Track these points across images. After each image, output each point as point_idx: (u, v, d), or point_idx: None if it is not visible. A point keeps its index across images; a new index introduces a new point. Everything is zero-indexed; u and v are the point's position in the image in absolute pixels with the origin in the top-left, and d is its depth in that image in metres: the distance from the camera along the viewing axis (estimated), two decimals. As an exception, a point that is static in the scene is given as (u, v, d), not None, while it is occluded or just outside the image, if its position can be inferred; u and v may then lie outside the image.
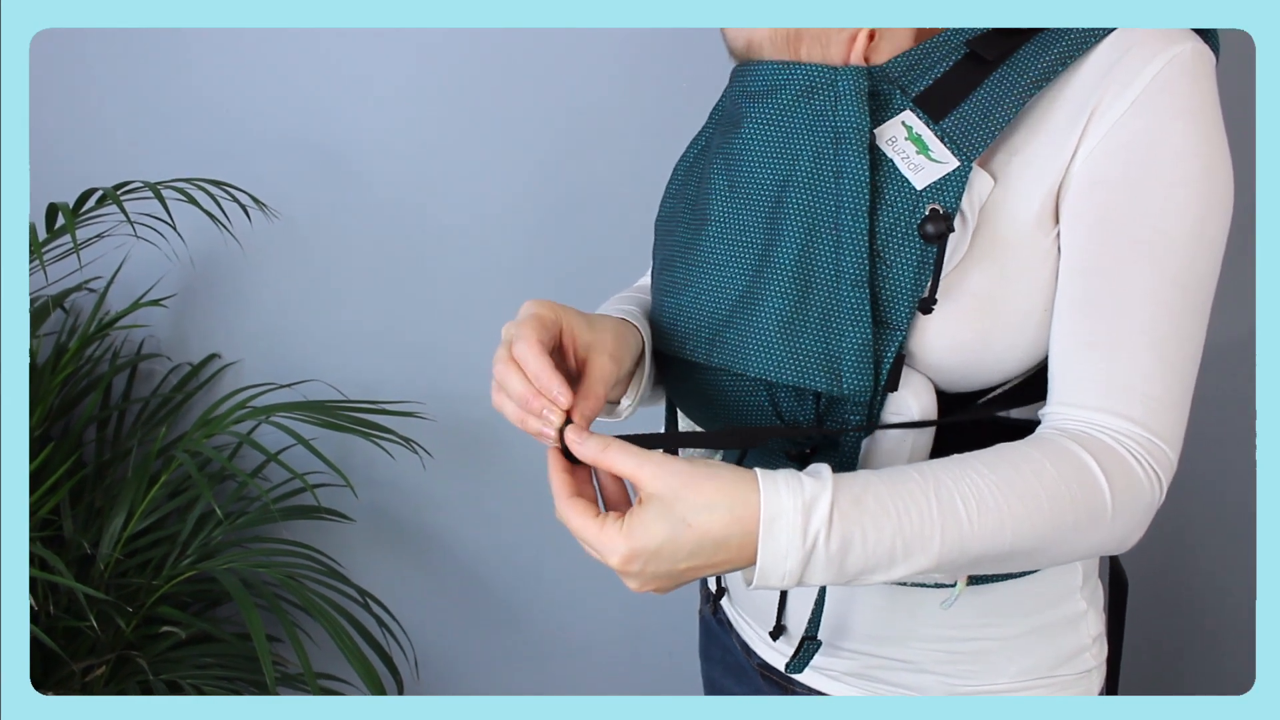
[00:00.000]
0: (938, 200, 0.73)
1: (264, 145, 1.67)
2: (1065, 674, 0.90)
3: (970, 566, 0.69)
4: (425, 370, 1.76)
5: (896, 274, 0.73)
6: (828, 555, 0.66)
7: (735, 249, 0.80)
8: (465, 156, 1.65)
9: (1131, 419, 0.72)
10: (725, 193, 0.82)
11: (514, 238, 1.68)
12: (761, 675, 1.01)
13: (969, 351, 0.77)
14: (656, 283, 0.89)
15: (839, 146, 0.75)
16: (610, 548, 0.67)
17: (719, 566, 0.67)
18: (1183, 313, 0.72)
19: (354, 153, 1.67)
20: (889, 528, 0.66)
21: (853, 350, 0.74)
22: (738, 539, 0.66)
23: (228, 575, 1.39)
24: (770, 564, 0.66)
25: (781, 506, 0.66)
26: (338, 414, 1.58)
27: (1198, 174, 0.72)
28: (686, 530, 0.66)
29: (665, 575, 0.67)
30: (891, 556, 0.67)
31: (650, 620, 1.85)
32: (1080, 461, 0.70)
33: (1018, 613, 0.88)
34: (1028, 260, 0.76)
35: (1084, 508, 0.70)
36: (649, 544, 0.66)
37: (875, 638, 0.90)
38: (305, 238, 1.71)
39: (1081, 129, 0.74)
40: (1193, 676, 1.69)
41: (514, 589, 1.87)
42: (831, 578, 0.67)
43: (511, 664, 1.91)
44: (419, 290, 1.72)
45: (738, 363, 0.79)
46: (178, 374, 1.78)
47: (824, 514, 0.65)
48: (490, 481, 1.80)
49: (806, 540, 0.65)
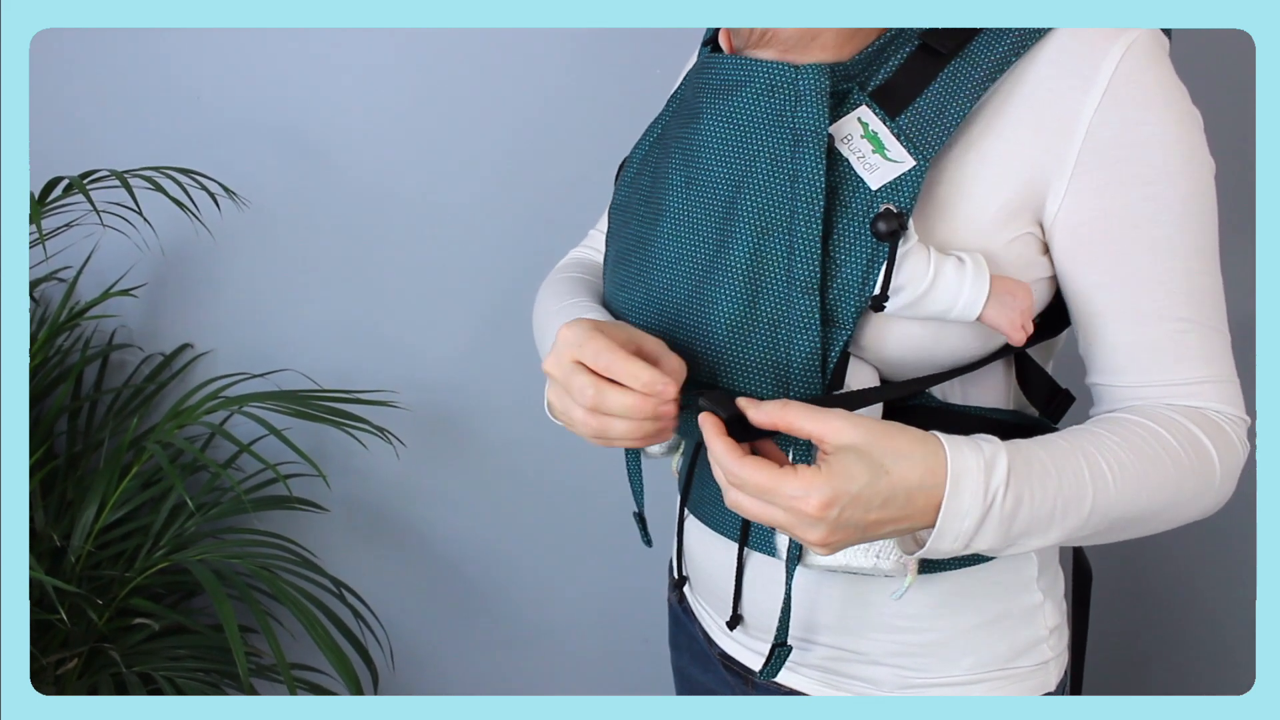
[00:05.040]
0: (892, 200, 0.72)
1: (235, 133, 1.65)
2: (1022, 665, 0.90)
3: (1105, 530, 0.73)
4: (399, 359, 1.75)
5: (846, 273, 0.73)
6: (1001, 514, 0.68)
7: (688, 247, 0.79)
8: (439, 143, 1.65)
9: (1219, 394, 0.77)
10: (681, 188, 0.80)
11: (489, 225, 1.68)
12: (723, 665, 1.01)
13: (920, 348, 0.77)
14: (611, 276, 0.88)
15: (796, 149, 0.74)
16: (812, 489, 0.66)
17: (901, 523, 0.68)
18: (1215, 290, 0.77)
19: (326, 140, 1.65)
20: (1052, 488, 0.69)
21: (801, 357, 0.74)
22: (926, 492, 0.67)
23: (200, 567, 1.38)
24: (949, 523, 0.68)
25: (967, 464, 0.68)
26: (311, 404, 1.57)
27: (1184, 157, 0.75)
28: (885, 477, 0.66)
29: (855, 525, 0.67)
30: (1050, 517, 0.70)
31: (626, 608, 1.85)
32: (1191, 433, 0.75)
33: (971, 604, 0.88)
34: (988, 250, 0.76)
35: (1201, 475, 0.75)
36: (851, 486, 0.66)
37: (832, 629, 0.90)
38: (278, 226, 1.70)
39: (1050, 131, 0.74)
40: (1193, 676, 1.69)
41: (490, 578, 1.86)
42: (994, 541, 0.69)
43: (488, 653, 1.91)
44: (393, 279, 1.72)
45: (686, 365, 0.77)
46: (150, 364, 1.76)
47: (1003, 473, 0.68)
48: (465, 470, 1.80)
49: (987, 498, 0.67)
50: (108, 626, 1.49)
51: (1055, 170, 0.75)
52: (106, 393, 1.75)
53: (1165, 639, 1.70)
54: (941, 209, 0.76)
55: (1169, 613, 1.69)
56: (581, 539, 1.82)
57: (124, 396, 1.74)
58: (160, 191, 1.44)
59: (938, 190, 0.76)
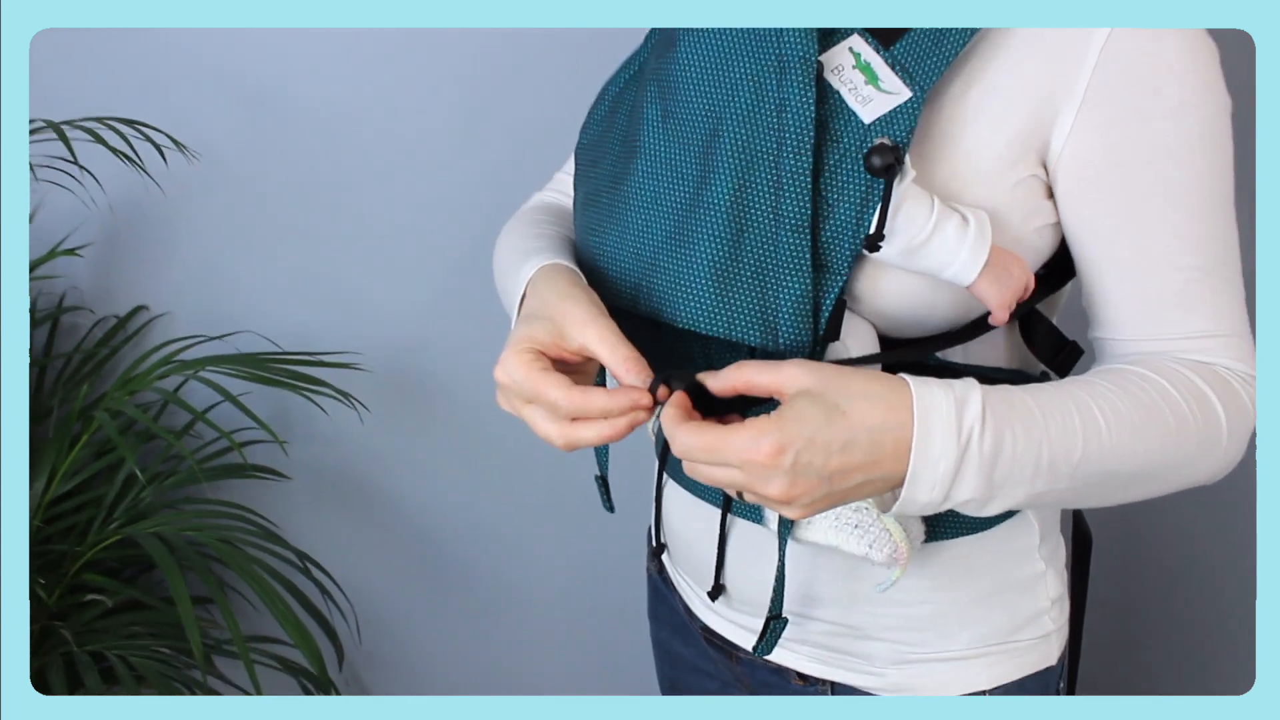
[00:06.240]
0: (887, 133, 0.68)
1: (183, 81, 1.58)
2: (1023, 639, 0.87)
3: (1098, 485, 0.69)
4: (362, 318, 1.69)
5: (839, 212, 0.69)
6: (980, 456, 0.64)
7: (665, 185, 0.74)
8: (398, 82, 1.58)
9: (1229, 350, 0.73)
10: (658, 122, 0.75)
11: (453, 171, 1.62)
12: (705, 639, 0.97)
13: (918, 303, 0.73)
14: (581, 219, 0.83)
15: (783, 77, 0.69)
16: (762, 436, 0.62)
17: (870, 470, 0.64)
18: (1229, 237, 0.74)
19: (280, 88, 1.58)
20: (1037, 431, 0.65)
21: (790, 302, 0.69)
22: (892, 434, 0.63)
23: (152, 540, 1.33)
24: (922, 467, 0.63)
25: (935, 401, 0.64)
26: (270, 367, 1.51)
27: (1200, 90, 0.71)
28: (841, 418, 0.63)
29: (816, 473, 0.63)
30: (1036, 463, 0.65)
31: (602, 574, 1.81)
32: (1197, 388, 0.71)
33: (971, 574, 0.84)
34: (987, 196, 0.72)
35: (1205, 433, 0.70)
36: (803, 429, 0.62)
37: (832, 602, 0.86)
38: (232, 180, 1.63)
39: (1058, 61, 0.70)
40: (1192, 675, 1.68)
41: (463, 544, 1.82)
42: (976, 488, 0.65)
43: (460, 623, 1.87)
44: (354, 234, 1.66)
45: (665, 311, 0.73)
46: (103, 327, 1.70)
47: (977, 409, 0.64)
48: (433, 433, 1.75)
49: (961, 436, 0.63)
50: (59, 604, 1.44)
51: (1062, 103, 0.71)
52: (57, 358, 1.69)
53: (1161, 623, 1.68)
54: (940, 147, 0.72)
55: (1168, 610, 1.67)
56: (560, 503, 1.77)
57: (75, 362, 1.68)
58: (101, 143, 1.37)
59: (936, 126, 0.72)
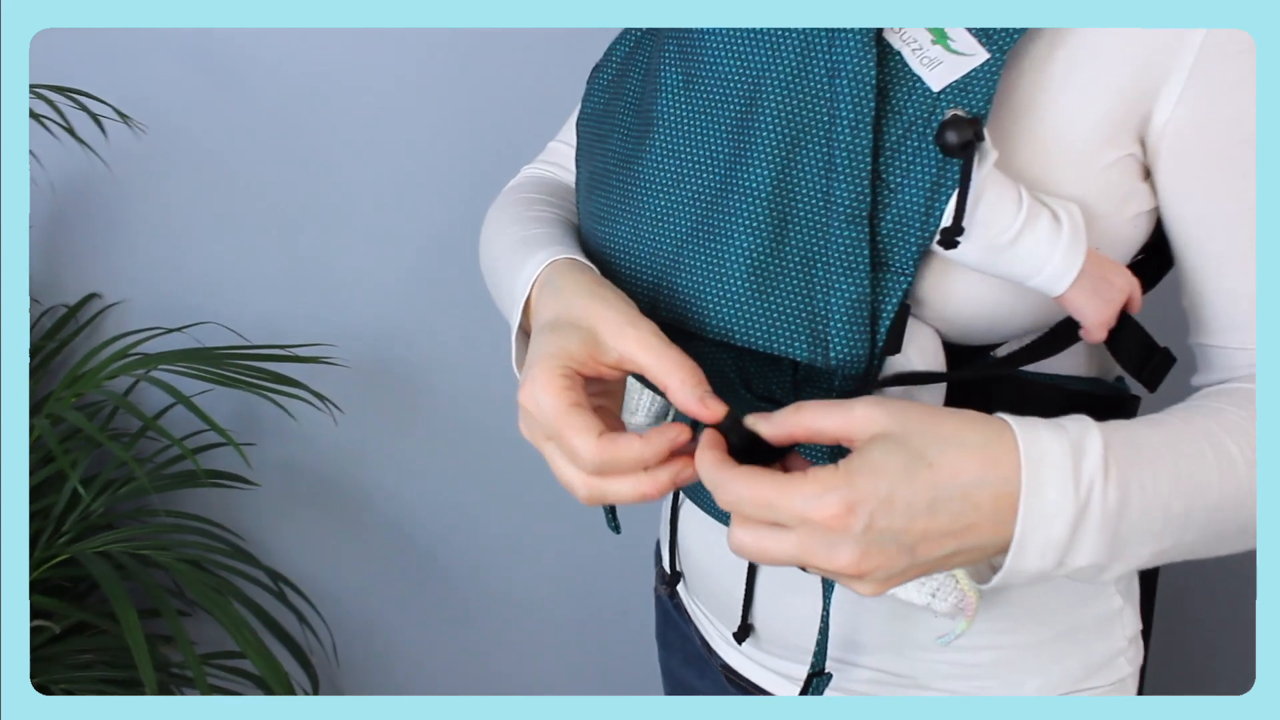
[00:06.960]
0: (960, 104, 0.59)
1: (129, 46, 1.48)
2: (1097, 685, 0.78)
3: (1235, 536, 0.60)
4: (336, 304, 1.60)
5: (903, 199, 0.60)
6: (1104, 513, 0.54)
7: (689, 165, 0.66)
8: (369, 47, 1.48)
9: None
10: (679, 89, 0.66)
11: (430, 143, 1.52)
12: (726, 678, 0.88)
13: (996, 299, 0.64)
14: (585, 205, 0.74)
15: (834, 34, 0.60)
16: (828, 490, 0.52)
17: (964, 538, 0.54)
18: None
19: (247, 56, 1.49)
20: (1166, 474, 0.56)
21: (843, 307, 0.60)
22: (992, 491, 0.53)
23: (97, 561, 1.20)
24: (1032, 530, 0.53)
25: (1045, 447, 0.54)
26: (233, 364, 1.40)
27: None
28: (927, 471, 0.52)
29: (895, 541, 0.52)
30: (1166, 515, 0.56)
31: (600, 580, 1.74)
32: None
33: (1042, 612, 0.75)
34: (1077, 182, 0.62)
35: None
36: (879, 484, 0.52)
37: (876, 649, 0.77)
38: (195, 157, 1.54)
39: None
40: (1191, 675, 1.64)
41: (449, 548, 1.75)
42: (1099, 553, 0.54)
43: (446, 630, 1.81)
44: (326, 214, 1.56)
45: (690, 318, 0.64)
46: (51, 318, 1.60)
47: (1098, 456, 0.54)
48: (414, 430, 1.67)
49: (1080, 490, 0.53)
50: None
51: (1170, 68, 0.61)
52: (-1, 353, 1.57)
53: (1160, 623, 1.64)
54: (1021, 121, 0.62)
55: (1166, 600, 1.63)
56: (555, 505, 1.69)
57: (20, 357, 1.56)
58: (34, 117, 1.26)
59: (1016, 95, 0.62)
